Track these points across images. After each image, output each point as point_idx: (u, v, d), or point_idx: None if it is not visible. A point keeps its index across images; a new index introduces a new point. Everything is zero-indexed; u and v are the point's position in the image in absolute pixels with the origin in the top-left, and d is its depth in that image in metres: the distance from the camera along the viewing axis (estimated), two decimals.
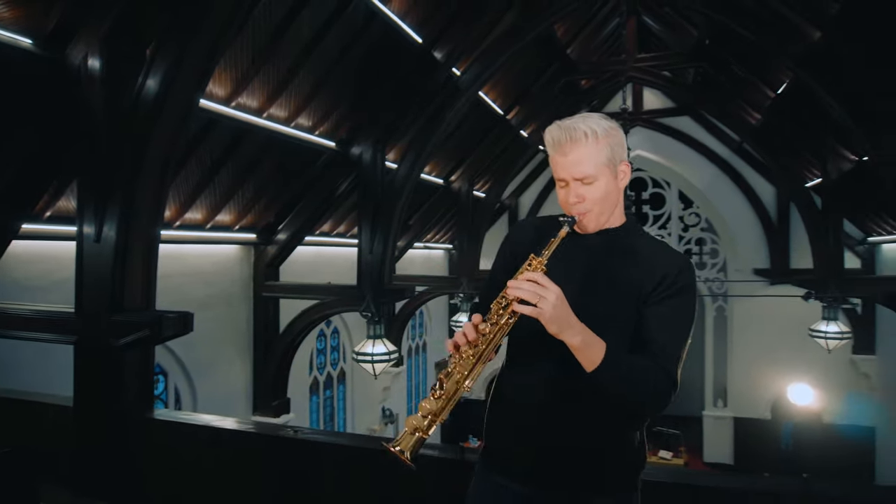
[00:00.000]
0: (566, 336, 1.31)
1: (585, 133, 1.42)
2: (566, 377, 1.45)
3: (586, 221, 1.49)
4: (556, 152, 1.47)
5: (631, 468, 1.53)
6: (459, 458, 2.35)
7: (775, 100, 8.19)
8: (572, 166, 1.44)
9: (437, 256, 13.03)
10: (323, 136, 6.38)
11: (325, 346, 8.78)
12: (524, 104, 9.81)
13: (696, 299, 1.47)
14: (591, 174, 1.44)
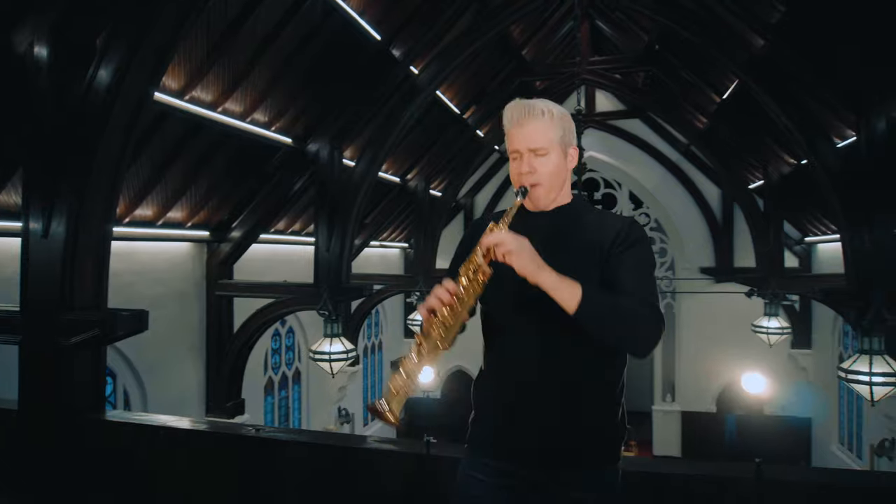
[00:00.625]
0: (541, 278, 1.36)
1: (542, 111, 1.55)
2: (549, 352, 1.51)
3: (537, 194, 1.57)
4: (513, 125, 1.57)
5: (616, 441, 1.58)
6: (425, 452, 2.36)
7: (721, 104, 8.50)
8: (527, 137, 1.54)
9: (393, 255, 13.00)
10: (279, 133, 6.29)
11: (280, 346, 8.65)
12: (480, 104, 9.89)
13: (650, 248, 1.55)
14: (544, 146, 1.54)
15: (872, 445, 8.13)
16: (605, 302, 1.39)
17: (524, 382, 1.55)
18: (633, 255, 1.48)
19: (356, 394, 10.66)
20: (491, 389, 1.64)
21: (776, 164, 8.76)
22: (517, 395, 1.55)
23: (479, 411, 1.68)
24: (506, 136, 1.61)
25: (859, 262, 5.05)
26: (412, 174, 10.33)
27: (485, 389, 1.67)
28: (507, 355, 1.60)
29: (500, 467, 1.58)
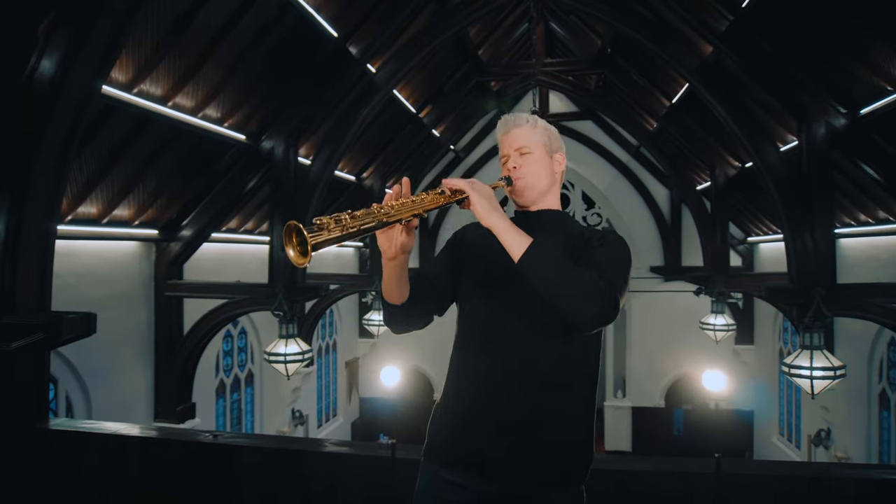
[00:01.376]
0: (494, 218, 1.39)
1: (527, 119, 1.69)
2: (520, 363, 1.49)
3: (520, 186, 1.63)
4: (501, 134, 1.69)
5: (586, 460, 1.54)
6: (390, 455, 2.34)
7: (670, 108, 8.75)
8: (513, 139, 1.66)
9: (348, 254, 12.86)
10: (232, 129, 6.12)
11: (233, 348, 8.43)
12: (436, 103, 9.88)
13: (627, 249, 1.53)
14: (527, 145, 1.64)
15: (810, 436, 8.52)
16: (554, 256, 1.37)
17: (487, 382, 1.52)
18: (605, 249, 1.50)
19: (310, 395, 10.50)
20: (451, 393, 1.60)
21: (722, 166, 9.07)
22: (477, 397, 1.52)
23: (437, 417, 1.63)
24: (499, 149, 1.71)
25: (801, 261, 5.28)
26: (368, 172, 10.24)
27: (445, 394, 1.63)
28: (475, 362, 1.56)
29: (455, 480, 1.53)
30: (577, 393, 1.53)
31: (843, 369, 5.08)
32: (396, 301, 1.52)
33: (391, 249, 1.42)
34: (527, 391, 1.49)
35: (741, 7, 5.34)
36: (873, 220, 6.90)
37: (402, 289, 1.51)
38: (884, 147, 5.35)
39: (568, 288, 1.33)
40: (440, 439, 1.60)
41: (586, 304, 1.32)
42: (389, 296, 1.52)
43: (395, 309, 1.53)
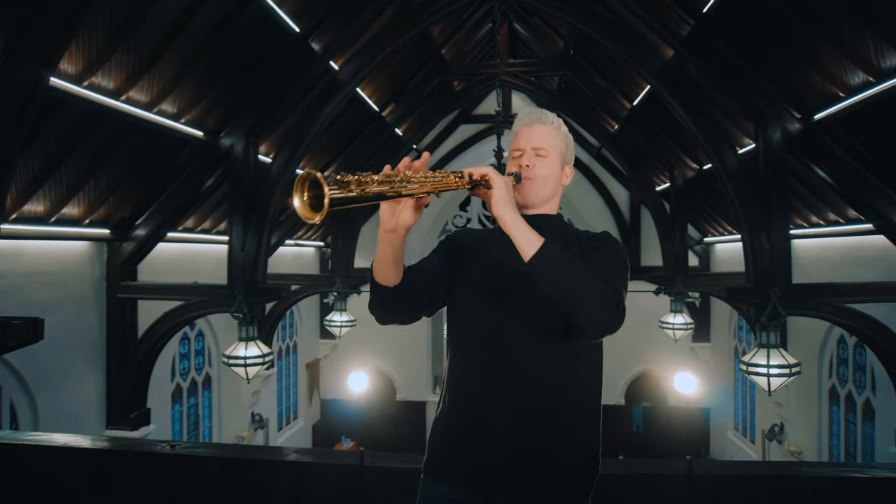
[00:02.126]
0: (510, 210, 1.34)
1: (552, 120, 1.63)
2: (523, 374, 1.44)
3: (528, 187, 1.57)
4: (522, 126, 1.63)
5: (594, 472, 1.49)
6: (358, 463, 2.27)
7: (631, 110, 8.87)
8: (533, 136, 1.60)
9: (309, 254, 12.66)
10: (189, 125, 5.92)
11: (189, 351, 8.18)
12: (399, 102, 9.80)
13: (624, 252, 1.52)
14: (546, 148, 1.59)
15: (763, 431, 8.78)
16: (565, 258, 1.32)
17: (488, 394, 1.45)
18: (602, 253, 1.47)
19: (270, 398, 10.29)
20: (450, 405, 1.53)
21: (681, 168, 9.25)
22: (478, 410, 1.45)
23: (437, 430, 1.55)
24: (512, 138, 1.65)
25: (758, 262, 5.41)
26: (329, 171, 10.08)
27: (444, 407, 1.55)
28: (470, 366, 1.50)
29: (458, 498, 1.46)
30: (583, 403, 1.49)
31: (798, 367, 5.23)
32: (388, 282, 1.42)
33: (392, 220, 1.33)
34: (530, 403, 1.43)
35: (702, 13, 5.43)
36: (824, 222, 7.14)
37: (397, 269, 1.42)
38: (836, 151, 5.52)
39: (580, 291, 1.28)
40: (441, 454, 1.52)
41: (597, 309, 1.28)
42: (381, 275, 1.42)
43: (386, 291, 1.43)
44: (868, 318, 5.35)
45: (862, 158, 5.43)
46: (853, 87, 4.78)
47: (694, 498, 2.19)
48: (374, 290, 1.45)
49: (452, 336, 1.58)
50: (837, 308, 5.35)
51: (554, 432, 1.44)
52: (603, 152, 12.21)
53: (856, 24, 4.25)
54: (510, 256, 1.40)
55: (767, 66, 5.47)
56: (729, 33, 5.43)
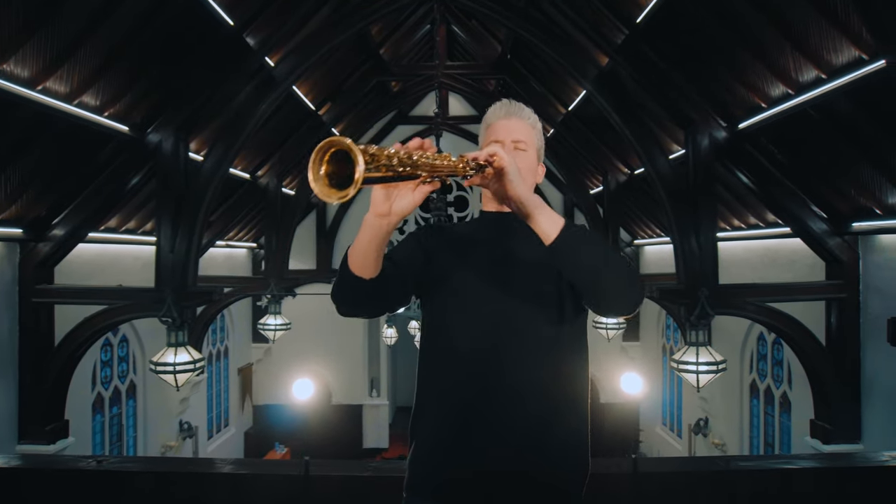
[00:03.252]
0: (523, 191, 1.25)
1: (530, 116, 1.59)
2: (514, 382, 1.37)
3: None
4: (499, 118, 1.56)
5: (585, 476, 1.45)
6: (303, 473, 2.19)
7: (566, 115, 9.08)
8: (513, 129, 1.54)
9: (240, 255, 12.26)
10: (113, 119, 5.59)
11: (112, 358, 7.73)
12: (336, 101, 9.64)
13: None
14: (525, 141, 1.54)
15: (690, 425, 9.17)
16: (589, 237, 1.26)
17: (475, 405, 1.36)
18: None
19: (200, 405, 9.88)
20: (432, 418, 1.44)
21: (614, 172, 9.54)
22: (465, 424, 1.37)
23: (418, 446, 1.46)
24: (486, 130, 1.58)
25: (688, 264, 5.63)
26: (263, 171, 9.80)
27: (425, 420, 1.46)
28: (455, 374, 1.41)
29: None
30: (576, 412, 1.44)
31: (724, 363, 5.49)
32: (365, 274, 1.27)
33: (385, 204, 1.17)
34: (521, 413, 1.36)
35: (635, 22, 5.62)
36: (745, 225, 7.53)
37: (378, 260, 1.28)
38: (758, 158, 5.85)
39: (610, 269, 1.23)
40: (426, 471, 1.43)
41: (626, 286, 1.24)
42: (358, 265, 1.27)
43: (359, 284, 1.28)
44: (786, 315, 5.67)
45: (781, 166, 5.77)
46: (774, 99, 5.07)
47: (639, 495, 2.24)
48: (345, 281, 1.30)
49: (429, 341, 1.49)
50: (759, 307, 5.64)
51: (551, 446, 1.38)
52: None
53: (777, 41, 4.50)
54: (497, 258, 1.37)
55: (697, 77, 5.72)
56: (661, 44, 5.64)
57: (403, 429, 10.69)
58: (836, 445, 5.50)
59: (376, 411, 13.22)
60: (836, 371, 5.63)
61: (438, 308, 1.48)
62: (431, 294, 1.49)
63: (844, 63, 4.19)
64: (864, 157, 4.76)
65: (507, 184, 1.26)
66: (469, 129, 12.90)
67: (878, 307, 5.40)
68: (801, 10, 4.10)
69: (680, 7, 4.98)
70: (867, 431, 5.54)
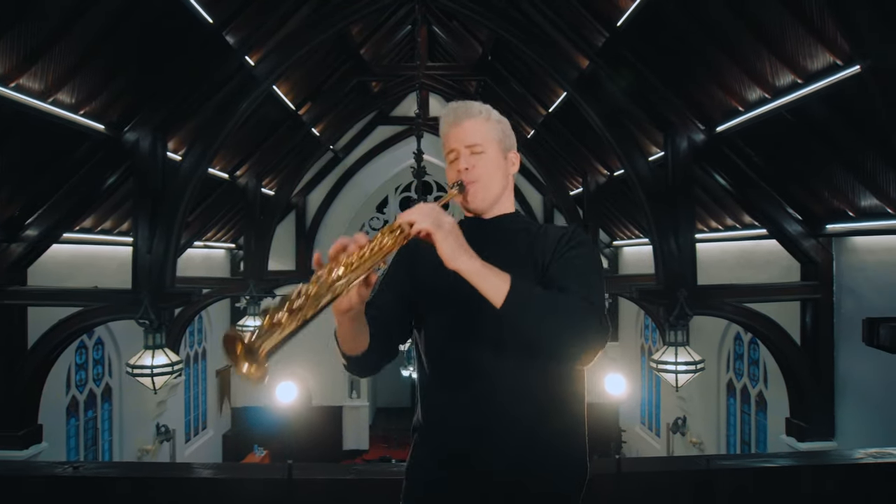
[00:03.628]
0: (463, 260, 1.21)
1: (479, 110, 1.50)
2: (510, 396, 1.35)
3: (474, 191, 1.47)
4: (450, 124, 1.50)
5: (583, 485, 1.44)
6: (286, 477, 2.17)
7: (547, 117, 9.13)
8: (464, 134, 1.47)
9: (218, 256, 12.12)
10: (89, 118, 5.49)
11: (87, 360, 7.58)
12: (316, 101, 9.58)
13: (597, 252, 1.47)
14: (481, 143, 1.47)
15: (668, 424, 9.27)
16: (537, 293, 1.23)
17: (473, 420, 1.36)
18: (576, 255, 1.38)
19: (177, 408, 9.73)
20: (430, 433, 1.44)
21: (594, 174, 9.62)
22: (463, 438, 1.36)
23: (417, 457, 1.46)
24: (443, 140, 1.52)
25: (667, 264, 5.70)
26: (242, 170, 9.69)
27: (423, 434, 1.45)
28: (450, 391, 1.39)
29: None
30: (574, 417, 1.43)
31: (703, 363, 5.57)
32: (358, 350, 1.34)
33: (343, 301, 1.21)
34: (521, 426, 1.35)
35: (616, 26, 5.67)
36: (722, 227, 7.65)
37: (363, 337, 1.34)
38: (735, 161, 5.94)
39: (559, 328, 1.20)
40: (424, 483, 1.43)
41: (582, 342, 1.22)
42: (348, 347, 1.34)
43: (359, 358, 1.36)
44: (763, 316, 5.77)
45: (757, 168, 5.87)
46: (751, 103, 5.15)
47: (622, 495, 2.26)
48: (345, 359, 1.38)
49: (425, 357, 1.47)
50: (737, 307, 5.74)
51: (547, 451, 1.38)
52: None
53: (755, 46, 4.58)
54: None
55: (676, 80, 5.79)
56: (641, 47, 5.70)
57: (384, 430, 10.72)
58: (812, 443, 5.61)
59: (356, 413, 13.16)
60: (810, 370, 5.75)
61: (431, 328, 1.46)
62: (426, 315, 1.47)
63: (820, 68, 4.28)
64: (838, 161, 4.86)
65: (443, 254, 1.21)
66: None
67: (852, 307, 5.53)
68: (778, 17, 4.18)
69: (660, 12, 5.04)
70: (840, 429, 5.67)
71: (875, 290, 5.22)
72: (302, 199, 13.12)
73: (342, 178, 13.23)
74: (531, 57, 6.56)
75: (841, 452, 2.60)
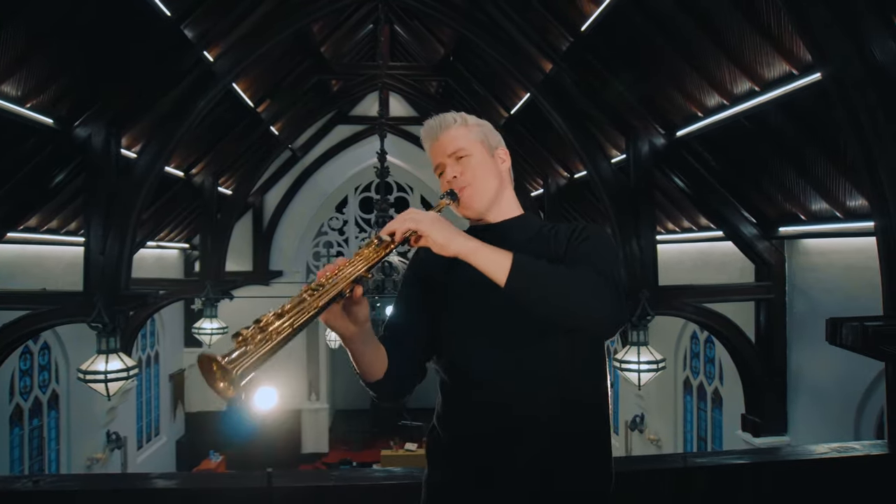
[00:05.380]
0: (458, 242, 1.18)
1: (454, 119, 1.49)
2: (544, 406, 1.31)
3: (468, 195, 1.43)
4: (430, 140, 1.50)
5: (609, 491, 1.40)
6: (265, 485, 2.11)
7: (509, 119, 9.20)
8: (446, 145, 1.46)
9: (171, 256, 11.75)
10: (36, 111, 5.23)
11: (32, 366, 7.22)
12: (275, 99, 9.39)
13: (611, 239, 1.43)
14: (463, 147, 1.46)
15: (627, 421, 9.46)
16: (542, 265, 1.19)
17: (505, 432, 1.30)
18: (590, 243, 1.34)
19: (129, 414, 9.37)
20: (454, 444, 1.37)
21: (554, 175, 9.73)
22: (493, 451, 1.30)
23: (438, 471, 1.40)
24: (429, 156, 1.51)
25: (629, 265, 5.81)
26: (198, 168, 9.42)
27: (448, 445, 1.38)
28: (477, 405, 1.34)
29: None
30: (600, 421, 1.40)
31: (664, 362, 5.71)
32: (378, 375, 1.32)
33: (346, 327, 1.22)
34: (544, 426, 1.31)
35: (580, 31, 5.74)
36: (679, 229, 7.85)
37: (379, 361, 1.32)
38: (693, 165, 6.10)
39: (572, 292, 1.15)
40: (449, 494, 1.37)
41: (596, 304, 1.16)
42: (369, 374, 1.32)
43: (383, 383, 1.33)
44: (720, 315, 5.95)
45: (715, 173, 6.04)
46: (710, 109, 5.30)
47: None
48: (370, 387, 1.36)
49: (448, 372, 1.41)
50: (696, 307, 5.89)
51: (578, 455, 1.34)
52: None
53: (715, 54, 4.72)
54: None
55: (637, 85, 5.91)
56: (605, 53, 5.79)
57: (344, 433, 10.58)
58: (766, 438, 5.81)
59: (316, 415, 12.97)
60: (764, 367, 5.95)
61: (453, 340, 1.40)
62: (446, 328, 1.41)
63: (776, 77, 4.44)
64: (791, 166, 5.05)
65: (435, 243, 1.19)
66: (410, 130, 12.85)
67: (803, 307, 5.76)
68: (738, 26, 4.31)
69: (623, 18, 5.13)
70: (793, 424, 5.89)
71: (825, 290, 5.45)
72: (259, 198, 12.84)
73: (300, 177, 13.01)
74: (494, 58, 6.61)
75: (805, 448, 2.70)
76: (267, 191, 12.94)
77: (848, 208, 4.85)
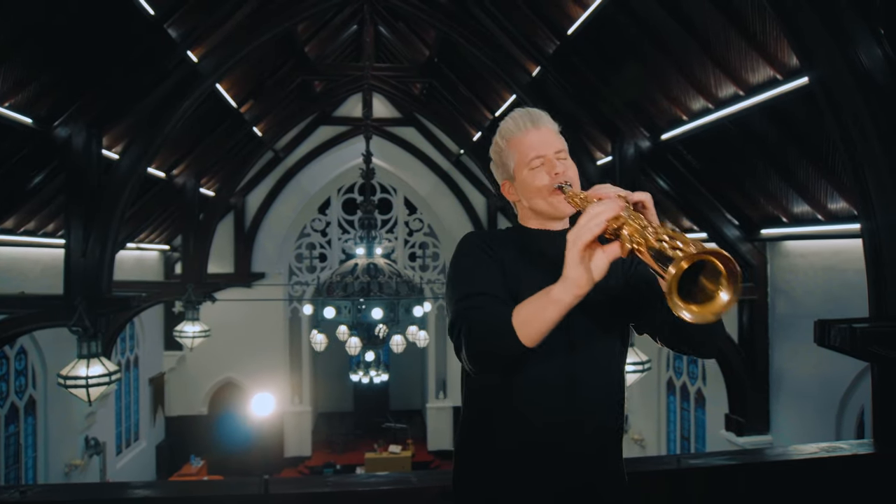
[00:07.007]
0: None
1: (552, 119, 1.49)
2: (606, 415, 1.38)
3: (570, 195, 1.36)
4: (526, 129, 1.44)
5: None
6: (262, 492, 2.08)
7: (493, 120, 9.22)
8: (548, 139, 1.43)
9: (151, 258, 11.56)
10: (14, 110, 5.11)
11: (9, 371, 7.05)
12: (258, 99, 9.30)
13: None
14: (564, 149, 1.44)
15: None
16: None
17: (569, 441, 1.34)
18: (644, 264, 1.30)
19: (108, 419, 9.20)
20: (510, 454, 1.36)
21: None
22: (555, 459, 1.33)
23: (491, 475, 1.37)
24: (509, 146, 1.45)
25: None
26: (179, 169, 9.29)
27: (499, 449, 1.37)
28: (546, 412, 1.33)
29: None
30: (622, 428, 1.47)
31: (649, 363, 5.75)
32: (535, 342, 1.18)
33: (587, 278, 1.11)
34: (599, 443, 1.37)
35: (567, 34, 5.78)
36: None
37: None
38: (677, 168, 6.17)
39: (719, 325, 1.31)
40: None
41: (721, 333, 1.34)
42: (534, 339, 1.17)
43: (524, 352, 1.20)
44: None
45: (699, 175, 6.11)
46: (695, 112, 5.36)
47: None
48: (510, 352, 1.19)
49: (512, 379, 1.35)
50: None
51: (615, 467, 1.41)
52: (461, 159, 12.55)
53: (700, 59, 4.77)
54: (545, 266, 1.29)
55: (623, 88, 5.96)
56: (591, 56, 5.83)
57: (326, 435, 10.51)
58: (750, 437, 5.89)
59: (298, 419, 12.85)
60: (747, 368, 6.03)
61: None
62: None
63: (761, 82, 4.50)
64: (773, 170, 5.13)
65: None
66: (393, 131, 12.82)
67: (785, 308, 5.85)
68: (723, 32, 4.37)
69: (610, 22, 5.17)
70: (775, 423, 5.98)
71: (806, 291, 5.54)
72: (241, 199, 12.69)
73: (283, 178, 12.89)
74: (480, 60, 6.61)
75: (796, 448, 2.74)
76: (249, 192, 12.79)
77: (829, 211, 4.93)
